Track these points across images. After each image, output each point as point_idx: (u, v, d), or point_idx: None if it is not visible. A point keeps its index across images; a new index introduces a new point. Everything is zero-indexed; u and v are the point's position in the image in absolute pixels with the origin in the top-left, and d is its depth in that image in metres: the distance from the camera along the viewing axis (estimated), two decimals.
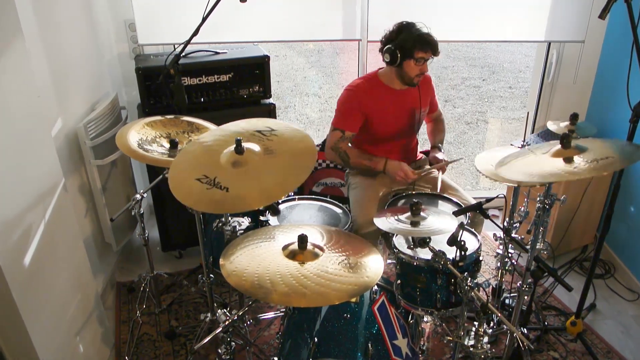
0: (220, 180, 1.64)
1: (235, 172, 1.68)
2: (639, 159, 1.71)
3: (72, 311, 2.15)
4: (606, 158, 1.59)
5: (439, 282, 1.76)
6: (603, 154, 1.64)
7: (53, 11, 2.35)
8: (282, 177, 1.69)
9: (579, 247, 3.18)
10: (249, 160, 1.69)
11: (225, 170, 1.68)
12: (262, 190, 1.65)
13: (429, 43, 2.31)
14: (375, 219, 1.80)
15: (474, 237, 1.94)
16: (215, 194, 1.62)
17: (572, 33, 2.98)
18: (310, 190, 3.30)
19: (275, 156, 1.73)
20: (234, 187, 1.64)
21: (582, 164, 1.62)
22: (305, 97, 6.27)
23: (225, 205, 1.62)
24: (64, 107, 2.40)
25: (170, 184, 1.66)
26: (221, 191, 1.62)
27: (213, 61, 2.76)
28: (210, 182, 1.64)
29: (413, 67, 2.33)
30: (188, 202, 1.62)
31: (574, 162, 1.62)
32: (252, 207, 1.64)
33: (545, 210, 1.92)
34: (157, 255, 3.14)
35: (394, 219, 1.77)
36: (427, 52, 2.31)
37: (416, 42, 2.29)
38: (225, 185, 1.64)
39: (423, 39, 2.30)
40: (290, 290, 1.56)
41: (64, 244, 2.10)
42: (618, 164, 1.64)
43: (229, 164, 1.69)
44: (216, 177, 1.65)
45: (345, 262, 1.71)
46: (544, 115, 3.37)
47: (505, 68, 7.17)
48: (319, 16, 2.97)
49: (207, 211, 1.94)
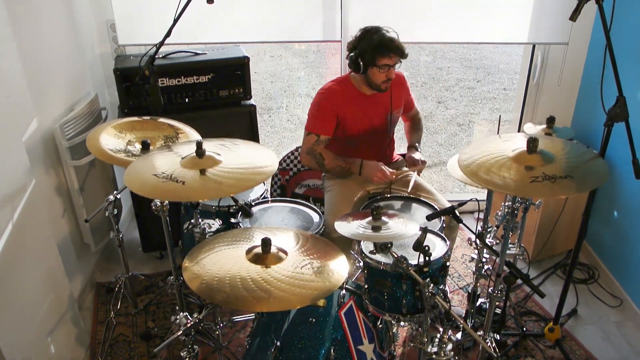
0: (177, 176, 1.65)
1: (192, 172, 1.68)
2: (594, 187, 1.68)
3: (44, 312, 2.14)
4: (565, 177, 1.56)
5: (404, 288, 1.74)
6: (565, 170, 1.61)
7: (29, 11, 2.34)
8: (236, 181, 1.70)
9: (564, 251, 3.15)
10: (208, 164, 1.69)
11: (184, 170, 1.69)
12: (216, 187, 1.66)
13: (390, 49, 2.26)
14: (337, 223, 1.79)
15: (443, 241, 1.91)
16: (170, 186, 1.63)
17: (555, 35, 2.95)
18: (292, 192, 3.29)
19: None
20: (189, 182, 1.64)
21: (540, 178, 1.58)
22: (298, 98, 6.25)
23: (179, 194, 1.64)
24: (40, 107, 2.39)
25: (126, 177, 1.67)
26: (176, 184, 1.63)
27: (192, 62, 2.75)
28: (167, 177, 1.65)
29: (377, 74, 2.31)
30: (142, 192, 1.62)
31: (533, 172, 1.59)
32: (203, 198, 1.65)
33: (514, 215, 1.89)
34: (138, 256, 3.13)
35: (356, 224, 1.75)
36: (390, 57, 2.27)
37: (377, 50, 2.25)
38: (181, 180, 1.64)
39: (384, 45, 2.25)
40: (249, 295, 1.55)
41: (35, 245, 2.09)
42: (573, 189, 1.60)
43: (187, 164, 1.69)
44: (173, 174, 1.65)
45: (309, 266, 1.69)
46: (529, 118, 3.34)
47: (501, 69, 7.13)
48: (300, 17, 2.96)
49: (160, 198, 1.97)
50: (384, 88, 2.38)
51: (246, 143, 1.91)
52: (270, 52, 7.58)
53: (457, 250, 3.17)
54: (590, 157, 1.73)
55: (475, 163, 1.69)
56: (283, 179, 3.29)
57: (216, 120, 2.86)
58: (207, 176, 1.68)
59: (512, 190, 1.59)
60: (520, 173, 1.61)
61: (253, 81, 2.98)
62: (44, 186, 2.43)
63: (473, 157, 1.73)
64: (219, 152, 1.76)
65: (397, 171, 2.50)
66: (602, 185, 2.84)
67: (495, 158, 1.70)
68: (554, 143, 1.81)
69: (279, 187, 3.32)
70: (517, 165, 1.63)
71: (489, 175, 1.61)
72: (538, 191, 1.56)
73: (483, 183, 1.61)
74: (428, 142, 5.10)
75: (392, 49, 2.26)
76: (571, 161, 1.69)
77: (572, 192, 1.60)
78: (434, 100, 6.12)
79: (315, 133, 2.44)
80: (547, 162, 1.65)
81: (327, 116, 2.43)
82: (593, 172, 1.65)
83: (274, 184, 3.32)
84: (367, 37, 2.31)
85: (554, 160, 1.66)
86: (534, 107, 3.30)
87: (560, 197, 2.68)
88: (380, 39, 2.28)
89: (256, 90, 6.29)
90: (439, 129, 5.38)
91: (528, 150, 1.65)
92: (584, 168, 1.67)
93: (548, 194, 1.52)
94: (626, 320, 2.66)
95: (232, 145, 1.84)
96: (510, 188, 1.60)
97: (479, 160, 1.70)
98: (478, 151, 1.76)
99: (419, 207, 2.33)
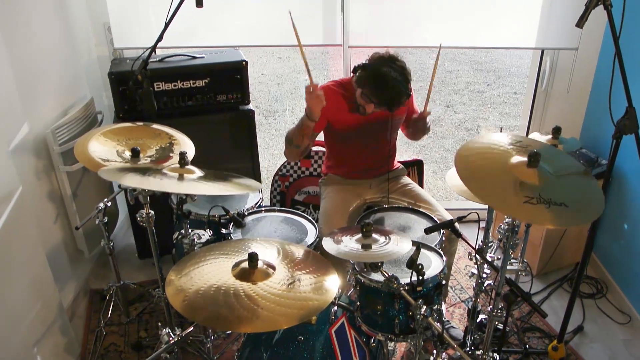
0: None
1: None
2: (585, 222, 1.58)
3: (30, 321, 2.09)
4: (560, 204, 1.47)
5: (396, 307, 1.66)
6: (562, 197, 1.51)
7: (20, 13, 2.29)
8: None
9: (572, 263, 3.04)
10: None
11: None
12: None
13: (380, 101, 2.16)
14: (324, 240, 1.71)
15: (440, 257, 1.83)
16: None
17: (564, 40, 2.85)
18: (292, 198, 3.22)
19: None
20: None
21: (534, 200, 1.49)
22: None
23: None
24: (31, 111, 2.34)
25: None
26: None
27: (189, 66, 2.69)
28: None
29: (359, 97, 2.23)
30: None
31: (528, 190, 1.50)
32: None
33: (515, 232, 1.80)
34: (134, 262, 3.08)
35: (345, 240, 1.67)
36: (371, 102, 2.18)
37: (371, 94, 2.16)
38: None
39: (375, 93, 2.15)
40: (231, 314, 1.48)
41: (20, 253, 2.04)
42: (564, 220, 1.51)
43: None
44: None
45: (298, 283, 1.62)
46: (537, 125, 3.24)
47: (512, 73, 7.00)
48: (301, 21, 2.87)
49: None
50: (362, 112, 2.29)
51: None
52: (278, 53, 7.52)
53: (459, 261, 3.07)
54: (590, 183, 1.65)
55: (474, 154, 1.61)
56: (283, 185, 3.22)
57: (213, 125, 2.80)
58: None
59: (501, 208, 1.50)
60: (514, 188, 1.52)
61: (260, 83, 2.93)
62: (35, 192, 2.39)
63: (473, 147, 1.65)
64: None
65: (396, 182, 2.41)
66: (612, 197, 2.76)
67: (495, 153, 1.62)
68: (559, 157, 1.72)
69: (279, 194, 3.25)
70: (513, 176, 1.55)
71: (483, 189, 1.52)
72: (529, 214, 1.46)
73: (473, 191, 1.52)
74: (435, 147, 5.00)
75: (381, 103, 2.17)
76: (570, 184, 1.60)
77: (562, 223, 1.51)
78: (442, 104, 6.02)
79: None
80: (542, 180, 1.55)
81: None
82: (588, 204, 1.57)
83: (273, 190, 3.25)
84: (382, 62, 2.17)
85: (552, 179, 1.57)
86: (542, 114, 3.20)
87: (548, 226, 2.57)
88: (379, 83, 2.14)
89: (262, 92, 6.27)
90: (447, 134, 5.28)
91: (529, 163, 1.56)
92: (581, 195, 1.59)
93: (538, 220, 1.43)
94: (635, 339, 2.55)
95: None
96: (500, 205, 1.50)
97: (478, 151, 1.63)
98: (479, 144, 1.69)
99: (418, 218, 2.25)
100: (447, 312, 2.68)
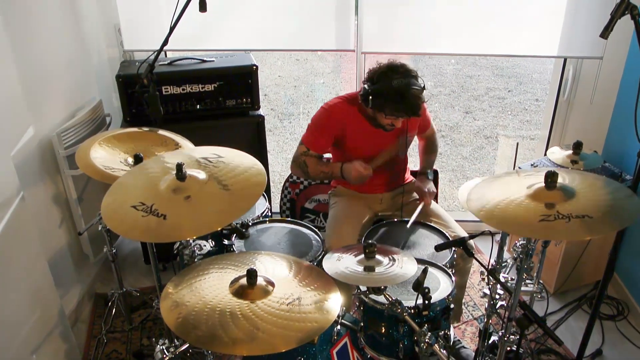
0: (157, 207, 1.50)
1: (175, 200, 1.54)
2: (616, 229, 1.46)
3: (29, 328, 2.05)
4: (582, 217, 1.35)
5: (401, 331, 1.58)
6: (583, 209, 1.40)
7: (28, 15, 2.26)
8: (226, 204, 1.55)
9: (592, 282, 2.90)
10: (191, 188, 1.55)
11: (164, 197, 1.54)
12: (203, 219, 1.50)
13: (402, 109, 2.04)
14: (325, 260, 1.63)
15: (449, 278, 1.74)
16: (151, 222, 1.48)
17: (588, 48, 2.72)
18: (302, 206, 3.14)
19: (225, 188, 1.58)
20: (172, 215, 1.50)
21: (551, 217, 1.38)
22: (321, 104, 6.09)
23: (160, 235, 1.48)
24: (37, 114, 2.31)
25: (103, 211, 1.53)
26: (157, 218, 1.49)
27: (198, 69, 2.64)
28: (146, 209, 1.50)
29: (383, 119, 2.13)
30: (120, 230, 1.49)
31: (555, 209, 1.40)
32: (187, 237, 1.50)
33: (529, 255, 1.70)
34: (141, 267, 3.05)
35: (347, 261, 1.58)
36: (399, 115, 2.07)
37: (388, 100, 2.04)
38: (162, 212, 1.50)
39: (397, 101, 2.02)
40: (226, 335, 1.41)
41: (20, 260, 2.00)
42: (589, 230, 1.36)
43: (169, 191, 1.55)
44: (154, 204, 1.51)
45: (299, 302, 1.55)
46: (558, 136, 3.11)
47: (534, 79, 6.82)
48: (313, 25, 2.81)
49: (140, 240, 1.82)
50: (388, 129, 2.20)
51: (226, 151, 1.75)
52: (295, 55, 7.45)
53: (473, 276, 2.96)
54: (620, 193, 1.52)
55: (487, 207, 1.50)
56: (293, 193, 3.15)
57: (222, 130, 2.74)
58: (192, 203, 1.54)
59: (514, 229, 1.39)
60: (533, 210, 1.41)
61: (276, 85, 2.86)
62: (39, 196, 2.36)
63: (483, 200, 1.54)
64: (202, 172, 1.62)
65: (408, 196, 2.32)
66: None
67: (509, 199, 1.51)
68: (578, 175, 1.61)
69: (289, 201, 3.18)
70: (535, 204, 1.44)
71: (495, 211, 1.42)
72: (546, 232, 1.36)
73: (485, 219, 1.42)
74: (452, 154, 4.88)
75: (404, 110, 2.05)
76: (594, 197, 1.48)
77: (587, 234, 1.37)
78: (461, 110, 5.88)
79: (307, 146, 2.30)
80: (569, 197, 1.45)
81: (323, 134, 2.28)
82: (618, 212, 1.44)
83: (283, 197, 3.18)
84: (387, 78, 2.05)
85: (577, 195, 1.47)
86: (563, 125, 3.07)
87: (571, 239, 2.43)
88: (397, 91, 2.01)
89: (278, 94, 6.21)
90: (465, 141, 5.15)
91: (546, 185, 1.46)
92: (608, 206, 1.46)
93: (558, 235, 1.33)
94: None
95: (213, 157, 1.70)
96: (512, 226, 1.40)
97: (491, 203, 1.51)
98: (489, 190, 1.58)
99: (429, 234, 2.16)
100: (458, 330, 2.58)
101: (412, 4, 2.72)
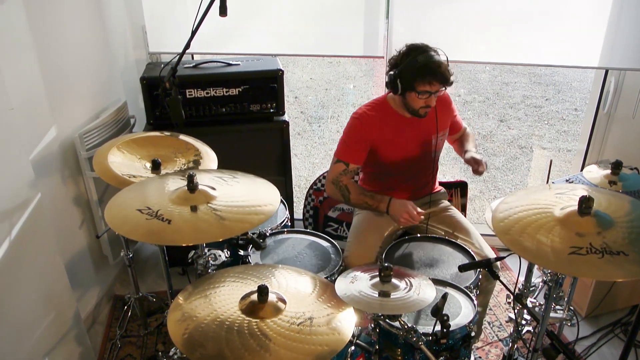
0: (163, 213, 1.47)
1: (181, 208, 1.50)
2: None
3: (42, 330, 2.04)
4: (618, 254, 1.24)
5: (417, 358, 1.49)
6: (622, 243, 1.28)
7: (53, 16, 2.25)
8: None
9: (627, 306, 2.74)
10: (200, 200, 1.51)
11: (171, 204, 1.51)
12: (207, 229, 1.47)
13: (433, 74, 1.99)
14: (338, 280, 1.55)
15: (471, 303, 1.64)
16: (154, 225, 1.44)
17: (632, 60, 2.56)
18: (325, 215, 3.08)
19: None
20: (177, 221, 1.46)
21: (583, 250, 1.26)
22: (352, 108, 6.01)
23: (163, 237, 1.45)
24: (61, 115, 2.31)
25: (107, 212, 1.51)
26: (162, 222, 1.45)
27: (222, 73, 2.60)
28: (151, 213, 1.47)
29: (416, 99, 2.05)
30: (122, 230, 1.46)
31: (586, 239, 1.28)
32: (188, 243, 1.46)
33: (559, 284, 1.58)
34: (161, 270, 3.00)
35: (362, 283, 1.50)
36: (431, 84, 2.01)
37: (418, 73, 2.00)
38: (167, 217, 1.46)
39: (426, 69, 1.99)
40: (232, 356, 1.35)
41: (36, 262, 1.99)
42: (623, 272, 1.23)
43: (177, 199, 1.51)
44: (159, 210, 1.48)
45: (311, 321, 1.48)
46: (596, 152, 2.95)
47: (574, 87, 6.56)
48: (341, 30, 2.74)
49: (141, 240, 1.81)
50: (423, 114, 2.13)
51: (246, 177, 1.72)
52: (328, 58, 7.39)
53: (500, 294, 2.83)
54: None
55: (511, 218, 1.40)
56: (317, 200, 3.08)
57: (246, 135, 2.70)
58: (197, 214, 1.50)
59: (541, 261, 1.28)
60: (563, 239, 1.31)
61: (307, 87, 2.81)
62: (60, 197, 2.36)
63: (510, 211, 1.44)
64: (213, 187, 1.58)
65: (428, 210, 2.22)
66: None
67: (539, 215, 1.41)
68: (617, 199, 1.49)
69: (312, 209, 3.12)
70: (565, 231, 1.33)
71: (521, 236, 1.32)
72: (575, 268, 1.24)
73: (510, 245, 1.32)
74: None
75: (435, 75, 2.00)
76: (632, 226, 1.36)
77: (619, 275, 1.24)
78: (495, 118, 5.70)
79: (344, 161, 2.22)
80: (604, 228, 1.33)
81: (359, 143, 2.20)
82: None
83: (306, 204, 3.12)
84: (411, 56, 2.05)
85: (614, 225, 1.35)
86: (602, 139, 2.91)
87: (600, 279, 2.27)
88: (424, 62, 2.01)
89: (309, 97, 6.17)
90: (498, 151, 4.98)
91: (579, 211, 1.34)
92: None
93: (588, 273, 1.21)
94: None
95: (231, 179, 1.66)
96: (539, 257, 1.29)
97: (517, 215, 1.42)
98: (519, 203, 1.48)
99: (453, 252, 2.06)
100: (482, 351, 2.46)
101: (446, 8, 2.63)
